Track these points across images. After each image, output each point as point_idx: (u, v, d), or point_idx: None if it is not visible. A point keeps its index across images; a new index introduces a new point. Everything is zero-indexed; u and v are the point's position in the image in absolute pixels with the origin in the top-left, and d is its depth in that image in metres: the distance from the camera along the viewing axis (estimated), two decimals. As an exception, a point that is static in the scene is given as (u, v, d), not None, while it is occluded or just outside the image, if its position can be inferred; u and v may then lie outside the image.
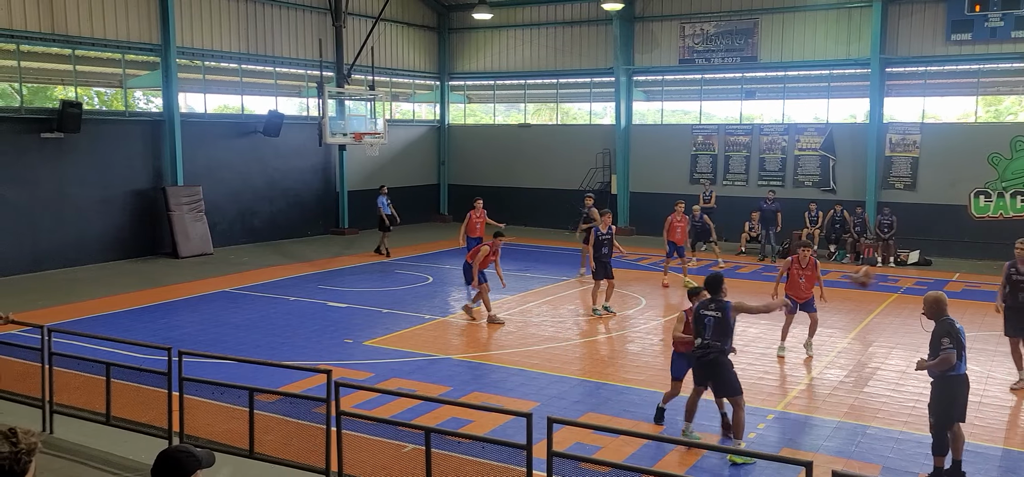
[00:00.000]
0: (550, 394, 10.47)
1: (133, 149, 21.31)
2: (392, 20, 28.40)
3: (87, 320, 14.20)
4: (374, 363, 11.85)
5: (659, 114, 27.83)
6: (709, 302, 8.63)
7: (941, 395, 7.77)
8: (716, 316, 8.50)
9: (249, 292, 17.12)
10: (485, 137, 30.97)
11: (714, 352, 8.47)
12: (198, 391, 8.22)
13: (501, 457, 6.44)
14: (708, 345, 8.50)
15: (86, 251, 20.08)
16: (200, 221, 21.98)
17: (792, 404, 10.22)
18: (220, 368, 9.65)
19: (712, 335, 8.49)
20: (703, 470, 7.98)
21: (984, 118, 23.39)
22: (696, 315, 8.70)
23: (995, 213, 22.24)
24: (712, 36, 25.70)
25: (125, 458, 8.16)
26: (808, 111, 25.57)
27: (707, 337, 8.52)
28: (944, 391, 7.75)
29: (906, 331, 13.81)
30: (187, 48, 22.22)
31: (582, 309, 15.72)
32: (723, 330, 8.48)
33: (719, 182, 25.72)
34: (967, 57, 22.36)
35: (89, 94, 21.73)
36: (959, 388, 7.78)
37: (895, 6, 23.07)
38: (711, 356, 8.49)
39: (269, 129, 23.99)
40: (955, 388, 7.75)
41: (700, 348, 8.60)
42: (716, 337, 8.48)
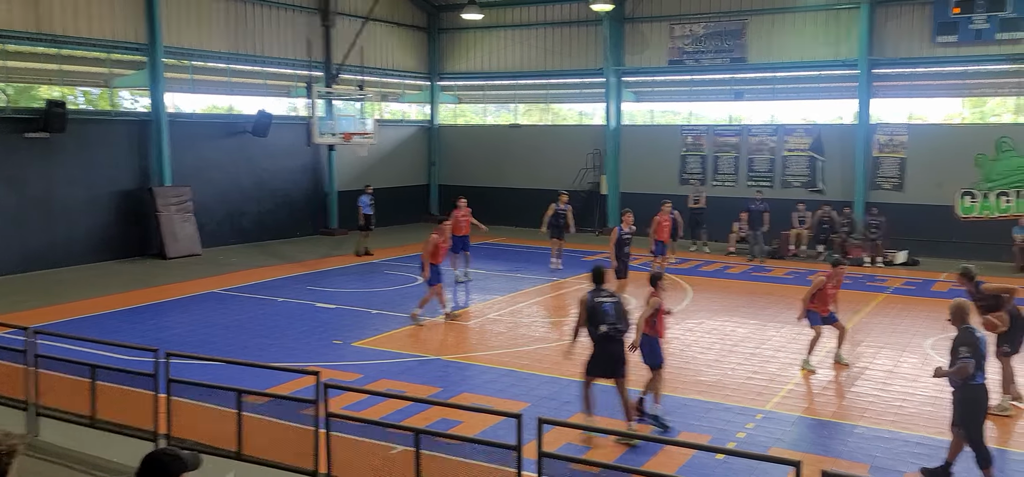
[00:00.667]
0: (540, 395, 10.46)
1: (120, 149, 21.17)
2: (381, 20, 28.34)
3: (73, 321, 14.09)
4: (363, 364, 11.81)
5: (649, 115, 27.87)
6: (600, 290, 9.06)
7: (967, 406, 7.66)
8: (614, 301, 8.95)
9: (237, 293, 17.04)
10: (475, 137, 30.93)
11: (620, 335, 8.91)
12: (185, 393, 8.16)
13: (491, 458, 6.42)
14: (616, 328, 8.88)
15: (72, 252, 19.93)
16: (188, 222, 21.86)
17: (781, 404, 10.24)
18: (207, 370, 9.58)
19: (616, 319, 8.88)
20: (693, 470, 7.98)
21: (969, 119, 23.53)
22: (593, 304, 8.94)
23: (981, 213, 22.39)
24: (701, 37, 25.76)
25: (111, 461, 8.09)
26: (796, 112, 25.67)
27: (612, 320, 8.86)
28: (969, 401, 7.63)
29: (894, 331, 13.87)
30: (174, 47, 22.09)
31: (572, 309, 15.70)
32: (622, 314, 8.94)
33: (709, 183, 25.78)
34: (953, 58, 22.50)
35: (75, 93, 21.58)
36: (985, 395, 7.68)
37: (882, 8, 23.20)
38: (618, 342, 8.91)
39: (258, 129, 23.88)
40: (979, 396, 7.62)
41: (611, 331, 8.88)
42: (619, 320, 8.89)
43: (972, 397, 7.60)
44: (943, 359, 12.10)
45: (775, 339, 13.50)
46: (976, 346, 7.57)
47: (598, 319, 8.86)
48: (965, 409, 7.66)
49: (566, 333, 13.70)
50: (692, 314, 15.55)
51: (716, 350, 12.88)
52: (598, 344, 8.92)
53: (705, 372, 11.77)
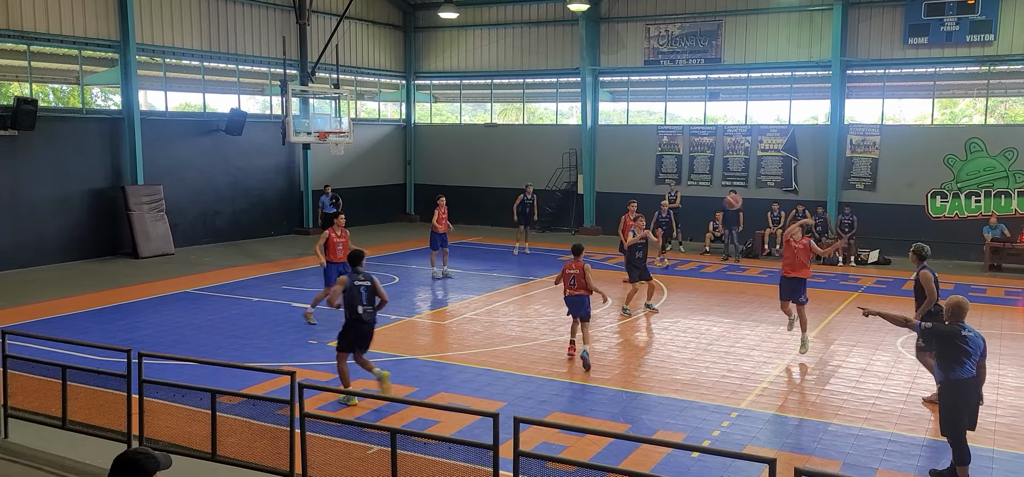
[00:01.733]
0: (517, 394, 10.47)
1: (91, 147, 20.88)
2: (357, 18, 28.20)
3: (43, 322, 13.89)
4: (339, 364, 11.73)
5: (625, 114, 28.00)
6: (358, 273, 9.91)
7: (946, 400, 7.69)
8: (367, 285, 9.87)
9: (211, 293, 16.88)
10: (451, 137, 30.89)
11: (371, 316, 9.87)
12: (158, 394, 8.08)
13: (468, 457, 6.41)
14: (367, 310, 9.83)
15: (42, 252, 19.64)
16: (161, 221, 21.62)
17: (755, 402, 10.33)
18: (181, 370, 9.50)
19: (367, 301, 9.81)
20: (668, 468, 8.03)
21: (940, 120, 23.89)
22: (350, 286, 9.80)
23: (951, 213, 22.74)
24: (677, 37, 25.91)
25: (82, 462, 7.99)
26: (770, 112, 25.90)
27: (364, 303, 9.79)
28: (948, 395, 7.67)
29: (866, 329, 14.04)
30: (147, 45, 21.84)
31: (548, 308, 15.74)
32: (373, 297, 9.93)
33: (684, 182, 25.94)
34: (924, 60, 22.84)
35: (45, 91, 21.25)
36: (965, 392, 7.62)
37: (855, 9, 23.48)
38: (368, 322, 9.87)
39: (231, 128, 23.67)
40: (958, 391, 7.61)
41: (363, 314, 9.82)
42: (371, 302, 9.86)
43: (952, 389, 7.63)
44: (913, 357, 12.26)
45: (749, 338, 13.62)
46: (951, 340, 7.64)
47: (354, 301, 9.78)
48: (946, 403, 7.70)
49: (538, 333, 13.73)
50: (667, 313, 15.64)
51: (691, 349, 12.97)
52: (351, 324, 9.86)
53: (680, 371, 11.85)
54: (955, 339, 7.62)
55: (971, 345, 7.62)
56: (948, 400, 7.65)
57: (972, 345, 7.63)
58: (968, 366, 7.59)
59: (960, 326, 7.68)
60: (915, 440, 9.08)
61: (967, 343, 7.61)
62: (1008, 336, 13.88)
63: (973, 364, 7.62)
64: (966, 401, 7.61)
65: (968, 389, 7.62)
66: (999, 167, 22.09)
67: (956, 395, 7.60)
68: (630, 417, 9.73)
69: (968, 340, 7.62)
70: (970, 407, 7.64)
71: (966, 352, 7.58)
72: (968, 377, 7.60)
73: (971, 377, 7.63)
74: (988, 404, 10.28)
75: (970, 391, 7.63)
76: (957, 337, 7.62)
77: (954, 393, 7.60)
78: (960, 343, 7.60)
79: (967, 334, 7.65)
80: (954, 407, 7.61)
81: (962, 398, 7.60)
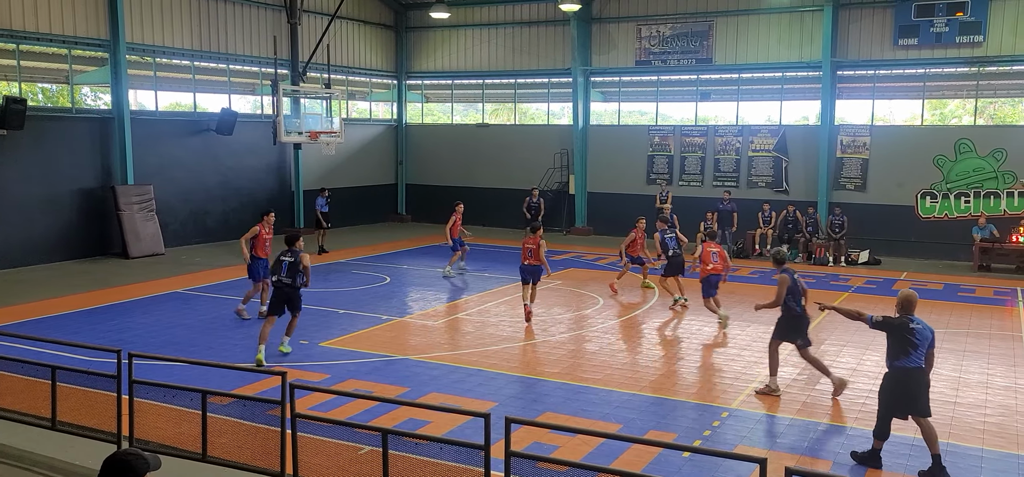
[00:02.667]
0: (508, 394, 10.48)
1: (81, 147, 20.78)
2: (348, 18, 28.15)
3: (32, 322, 13.81)
4: (330, 364, 11.73)
5: (616, 115, 28.04)
6: (287, 251, 11.92)
7: (889, 384, 8.25)
8: (290, 261, 11.81)
9: (202, 293, 16.82)
10: (443, 137, 30.87)
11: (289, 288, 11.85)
12: (149, 394, 8.05)
13: (459, 458, 6.41)
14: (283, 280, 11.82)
15: (31, 252, 19.54)
16: (151, 221, 21.54)
17: (746, 402, 10.36)
18: (172, 371, 9.46)
19: (287, 274, 11.81)
20: (659, 468, 8.04)
21: (930, 121, 24.02)
22: (277, 260, 11.96)
23: (940, 214, 22.86)
24: (668, 38, 25.97)
25: (71, 464, 7.94)
26: (761, 113, 25.98)
27: (283, 274, 11.81)
28: (891, 380, 8.23)
29: (856, 329, 14.08)
30: (137, 44, 21.75)
31: (540, 309, 15.74)
32: (296, 270, 11.81)
33: (675, 183, 26.00)
34: (914, 61, 22.96)
35: (34, 90, 21.14)
36: (907, 381, 8.11)
37: (845, 10, 23.57)
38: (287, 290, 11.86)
39: (222, 127, 23.59)
40: (902, 377, 8.12)
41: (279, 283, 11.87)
42: (290, 275, 11.81)
43: (894, 378, 8.22)
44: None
45: (740, 338, 13.66)
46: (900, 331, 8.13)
47: (276, 271, 11.90)
48: (885, 386, 8.31)
49: (536, 332, 13.75)
50: (658, 313, 15.67)
51: (682, 348, 13.00)
52: (275, 290, 11.96)
53: (671, 371, 11.88)
54: (904, 331, 8.13)
55: (919, 337, 8.12)
56: (891, 384, 8.25)
57: (920, 337, 8.12)
58: (914, 356, 8.11)
59: (909, 318, 8.20)
60: (904, 439, 9.12)
61: (915, 335, 8.11)
62: (997, 336, 13.96)
63: (920, 354, 8.13)
64: (908, 387, 8.14)
65: (913, 377, 8.14)
66: (988, 168, 22.22)
67: (898, 381, 8.17)
68: (621, 417, 9.75)
69: (916, 332, 8.12)
70: (921, 394, 8.16)
71: (914, 343, 8.09)
72: (914, 366, 8.12)
73: (917, 366, 8.14)
74: (977, 403, 10.37)
75: (917, 379, 8.16)
76: (906, 329, 8.13)
77: (897, 379, 8.18)
78: (908, 335, 8.10)
79: (915, 326, 8.15)
80: (893, 391, 8.20)
81: (904, 384, 8.14)
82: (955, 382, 11.26)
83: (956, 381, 11.31)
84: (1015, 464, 8.53)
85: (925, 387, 8.20)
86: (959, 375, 11.58)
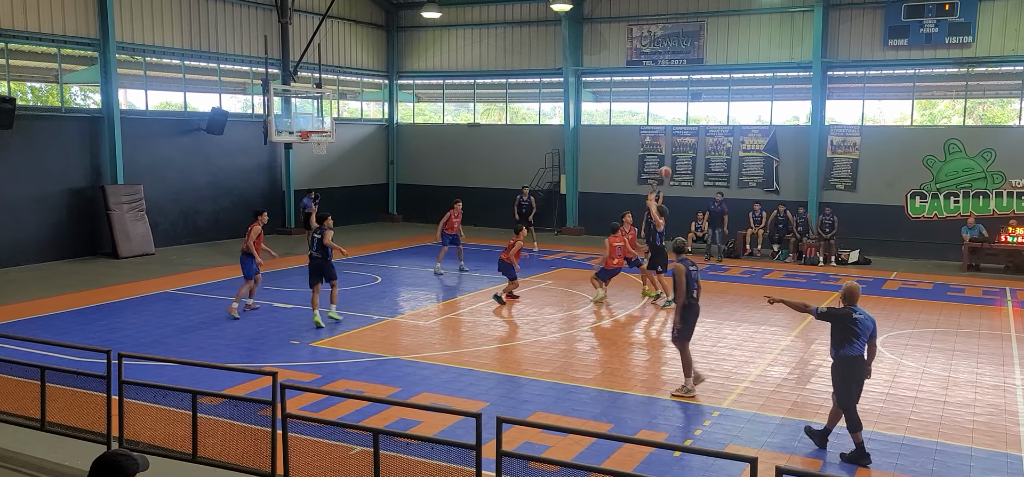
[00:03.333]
0: (499, 394, 10.48)
1: (70, 146, 20.67)
2: (340, 17, 28.09)
3: (21, 322, 13.73)
4: (321, 364, 11.71)
5: (607, 115, 28.07)
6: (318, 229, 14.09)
7: (837, 375, 8.57)
8: (318, 237, 13.92)
9: (192, 293, 16.76)
10: (434, 136, 30.85)
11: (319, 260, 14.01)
12: (138, 395, 8.01)
13: (450, 458, 6.41)
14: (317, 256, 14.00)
15: (20, 251, 19.42)
16: (141, 220, 21.44)
17: (737, 401, 10.39)
18: (162, 371, 9.43)
19: (317, 248, 13.98)
20: (650, 467, 8.06)
21: (920, 121, 24.13)
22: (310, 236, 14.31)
23: (930, 213, 22.98)
24: (659, 38, 26.02)
25: (61, 464, 7.91)
26: (752, 113, 26.06)
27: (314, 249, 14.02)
28: (838, 370, 8.56)
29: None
30: (127, 43, 21.65)
31: (531, 308, 15.76)
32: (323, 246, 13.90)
33: (665, 183, 25.98)
34: (903, 61, 23.07)
35: (23, 89, 21.02)
36: (853, 367, 8.48)
37: (835, 11, 23.67)
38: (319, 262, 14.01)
39: (213, 127, 23.51)
40: (846, 366, 8.48)
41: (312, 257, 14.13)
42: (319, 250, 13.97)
43: (840, 368, 8.51)
44: (893, 356, 12.40)
45: (731, 337, 13.70)
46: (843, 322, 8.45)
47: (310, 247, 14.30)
48: (838, 376, 8.56)
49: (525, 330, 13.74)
50: (649, 313, 15.71)
51: (673, 348, 13.00)
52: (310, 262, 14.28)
53: (662, 370, 11.90)
54: (848, 321, 8.47)
55: (861, 326, 8.47)
56: (838, 374, 8.56)
57: (862, 326, 8.47)
58: (857, 345, 8.46)
59: (852, 309, 8.54)
60: (894, 438, 9.17)
61: (858, 325, 8.46)
62: (987, 335, 14.04)
63: (862, 343, 8.49)
64: (854, 374, 8.48)
65: (856, 364, 8.49)
66: (977, 168, 22.35)
67: (844, 370, 8.49)
68: (612, 417, 9.76)
69: (858, 322, 8.47)
70: (858, 380, 8.52)
71: (856, 332, 8.44)
72: (856, 354, 8.48)
73: (859, 354, 8.50)
74: (967, 403, 10.42)
75: (858, 366, 8.51)
76: (849, 319, 8.47)
77: (843, 368, 8.51)
78: (851, 325, 8.45)
79: (858, 316, 8.49)
80: (844, 380, 8.50)
81: (850, 372, 8.47)
82: (945, 381, 11.32)
83: (945, 380, 11.37)
84: (1004, 463, 8.59)
85: (861, 375, 8.57)
86: (949, 374, 11.65)
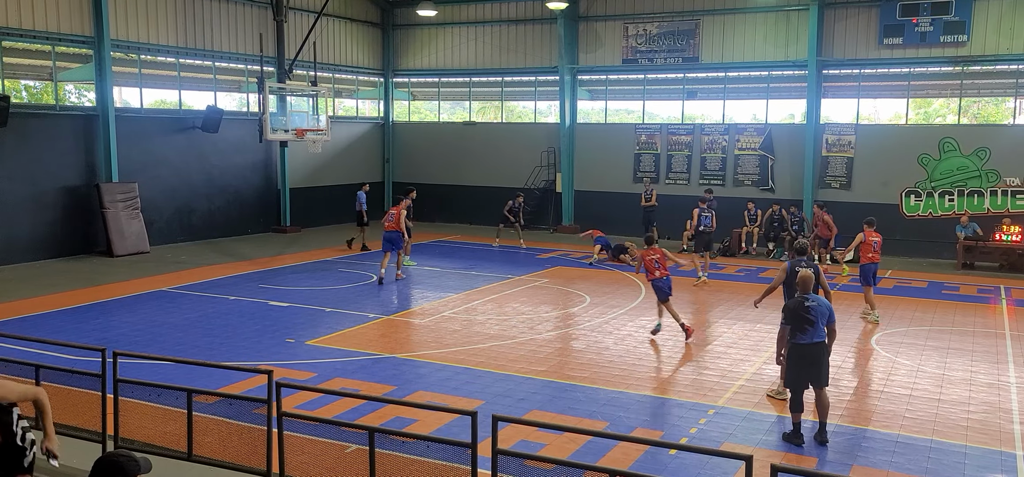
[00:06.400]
0: (495, 392, 10.48)
1: (65, 144, 20.61)
2: (335, 15, 28.05)
3: (16, 321, 13.69)
4: (317, 363, 11.70)
5: (603, 113, 28.08)
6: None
7: (792, 360, 8.96)
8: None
9: (187, 291, 16.73)
10: (430, 134, 30.83)
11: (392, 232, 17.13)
12: (134, 393, 7.99)
13: (446, 456, 6.41)
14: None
15: (14, 250, 19.36)
16: (136, 219, 21.40)
17: (732, 399, 10.41)
18: (157, 369, 9.41)
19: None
20: (646, 465, 8.07)
21: (914, 120, 24.18)
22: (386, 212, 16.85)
23: (925, 212, 23.04)
24: (655, 36, 26.03)
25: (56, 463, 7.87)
26: (747, 111, 26.09)
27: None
28: (793, 356, 8.93)
29: (841, 327, 14.15)
30: (122, 41, 21.59)
31: (527, 307, 15.76)
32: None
33: (661, 181, 26.07)
34: (898, 60, 23.11)
35: (17, 87, 20.95)
36: (808, 353, 8.78)
37: (831, 10, 23.70)
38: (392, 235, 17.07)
39: (208, 125, 23.46)
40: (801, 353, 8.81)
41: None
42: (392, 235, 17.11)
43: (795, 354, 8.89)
44: (888, 354, 12.46)
45: (726, 335, 13.73)
46: (795, 312, 8.81)
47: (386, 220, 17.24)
48: (789, 361, 9.03)
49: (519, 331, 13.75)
50: (645, 311, 15.72)
51: (669, 347, 13.04)
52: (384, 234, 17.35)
53: (658, 368, 11.92)
54: (800, 310, 8.83)
55: (814, 313, 8.81)
56: (793, 359, 8.94)
57: (815, 313, 8.82)
58: (812, 332, 8.79)
59: (804, 298, 8.90)
60: (889, 436, 9.19)
61: (811, 312, 8.81)
62: (981, 333, 14.08)
63: (818, 330, 8.82)
64: (807, 361, 8.80)
65: (812, 351, 8.81)
66: (972, 166, 22.41)
67: (799, 356, 8.85)
68: (608, 415, 9.77)
69: (811, 309, 8.81)
70: (820, 365, 8.86)
71: (810, 320, 8.78)
72: (809, 341, 8.79)
73: (813, 341, 8.81)
74: (961, 400, 10.45)
75: (816, 352, 8.84)
76: (802, 308, 8.83)
77: (798, 354, 8.86)
78: (805, 313, 8.80)
79: (810, 304, 8.85)
80: (796, 365, 8.89)
81: (803, 358, 8.81)
82: (939, 379, 11.36)
83: (940, 378, 11.40)
84: (998, 460, 8.62)
85: (824, 358, 8.91)
86: (943, 372, 11.68)
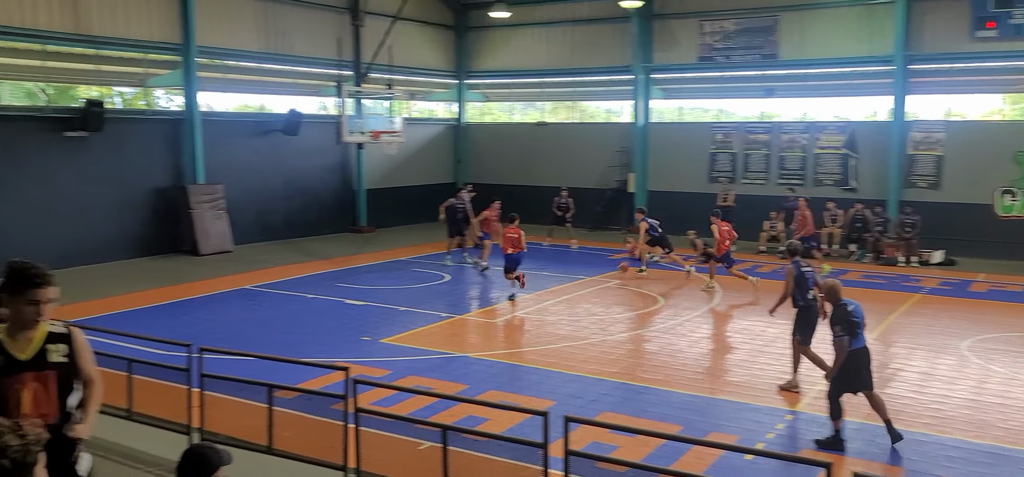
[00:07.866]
0: (566, 393, 10.45)
1: (154, 147, 21.49)
2: (410, 19, 28.44)
3: (108, 316, 14.33)
4: (391, 360, 11.88)
5: (678, 112, 27.68)
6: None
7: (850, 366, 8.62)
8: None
9: (268, 289, 17.22)
10: (502, 135, 30.96)
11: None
12: (217, 387, 8.26)
13: (517, 455, 6.43)
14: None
15: (107, 249, 20.26)
16: (220, 219, 22.14)
17: (810, 405, 10.13)
18: (239, 365, 9.70)
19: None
20: (721, 470, 7.92)
21: (1009, 115, 23.04)
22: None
23: (1021, 212, 21.91)
24: (732, 34, 25.52)
25: (146, 452, 8.21)
26: (829, 109, 25.33)
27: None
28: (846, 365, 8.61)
29: (929, 332, 13.65)
30: (207, 47, 22.38)
31: (598, 307, 15.66)
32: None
33: (738, 180, 25.55)
34: (992, 54, 22.05)
35: (111, 93, 21.94)
36: (854, 361, 8.56)
37: (918, 3, 22.79)
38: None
39: (288, 128, 24.11)
40: (849, 361, 8.53)
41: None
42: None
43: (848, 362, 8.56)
44: (980, 361, 11.92)
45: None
46: (846, 319, 8.51)
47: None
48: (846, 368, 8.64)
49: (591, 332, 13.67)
50: (721, 313, 15.44)
51: (746, 350, 12.78)
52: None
53: (734, 372, 11.68)
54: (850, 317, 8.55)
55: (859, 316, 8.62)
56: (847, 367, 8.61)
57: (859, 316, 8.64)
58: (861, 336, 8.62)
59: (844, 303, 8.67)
60: (980, 447, 8.79)
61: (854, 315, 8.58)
62: (1080, 340, 13.32)
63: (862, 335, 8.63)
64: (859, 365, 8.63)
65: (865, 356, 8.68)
66: (1071, 164, 21.23)
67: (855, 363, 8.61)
68: (681, 418, 9.63)
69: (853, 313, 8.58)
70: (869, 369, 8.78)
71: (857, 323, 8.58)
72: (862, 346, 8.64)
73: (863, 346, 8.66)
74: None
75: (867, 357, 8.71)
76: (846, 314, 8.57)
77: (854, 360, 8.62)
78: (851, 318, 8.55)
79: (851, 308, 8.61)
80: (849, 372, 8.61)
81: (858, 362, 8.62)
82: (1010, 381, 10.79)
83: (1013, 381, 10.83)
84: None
85: (868, 363, 8.73)
86: (1038, 380, 11.10)
